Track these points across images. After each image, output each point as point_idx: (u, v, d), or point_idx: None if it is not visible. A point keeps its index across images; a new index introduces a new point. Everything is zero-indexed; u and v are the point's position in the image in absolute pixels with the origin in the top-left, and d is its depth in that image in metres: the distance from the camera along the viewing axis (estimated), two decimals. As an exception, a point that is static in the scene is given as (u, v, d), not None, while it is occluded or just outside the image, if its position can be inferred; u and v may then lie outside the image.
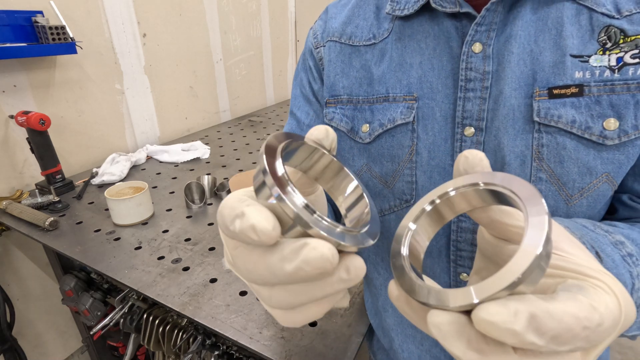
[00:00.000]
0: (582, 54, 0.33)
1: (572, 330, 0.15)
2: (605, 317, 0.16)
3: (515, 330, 0.14)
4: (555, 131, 0.34)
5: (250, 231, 0.17)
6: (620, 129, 0.32)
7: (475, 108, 0.37)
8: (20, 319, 1.21)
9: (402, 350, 0.52)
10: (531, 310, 0.15)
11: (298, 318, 0.20)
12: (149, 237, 0.92)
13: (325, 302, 0.19)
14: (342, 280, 0.18)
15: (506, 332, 0.14)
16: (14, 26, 1.04)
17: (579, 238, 0.23)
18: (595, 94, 0.32)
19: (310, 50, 0.49)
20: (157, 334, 0.88)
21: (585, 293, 0.16)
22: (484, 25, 0.35)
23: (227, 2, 1.88)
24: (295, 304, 0.19)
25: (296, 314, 0.20)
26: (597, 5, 0.33)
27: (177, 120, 1.72)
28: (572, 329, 0.15)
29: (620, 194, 0.38)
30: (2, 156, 1.11)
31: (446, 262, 0.43)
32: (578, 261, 0.18)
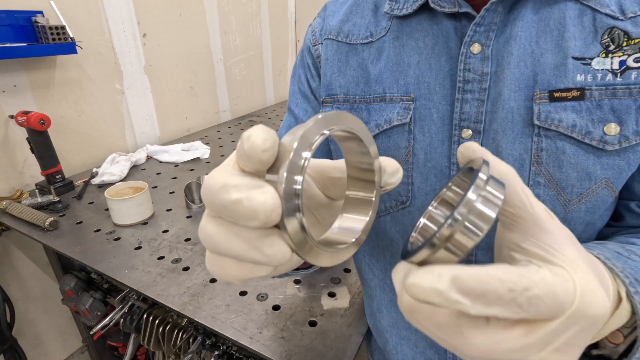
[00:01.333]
0: (584, 56, 0.32)
1: (496, 291, 0.15)
2: (537, 285, 0.16)
3: (438, 288, 0.15)
4: (555, 135, 0.33)
5: (246, 139, 0.17)
6: (621, 134, 0.31)
7: (473, 110, 0.36)
8: (20, 319, 1.21)
9: (396, 351, 0.52)
10: (455, 272, 0.16)
11: (216, 267, 0.20)
12: (149, 237, 0.92)
13: (242, 266, 0.19)
14: (260, 250, 0.18)
15: (431, 292, 0.15)
16: (14, 26, 1.04)
17: (620, 271, 0.23)
18: (596, 98, 0.32)
19: (308, 47, 0.49)
20: (157, 334, 0.88)
21: (522, 267, 0.17)
22: (483, 26, 0.35)
23: (227, 2, 1.88)
24: (219, 246, 0.19)
25: (217, 261, 0.20)
26: (601, 6, 0.32)
27: (177, 120, 1.72)
28: (496, 290, 0.15)
29: (628, 201, 0.37)
30: (2, 156, 1.11)
31: None
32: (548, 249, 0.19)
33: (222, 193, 0.17)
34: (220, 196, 0.17)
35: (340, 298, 0.72)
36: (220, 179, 0.17)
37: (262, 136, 0.17)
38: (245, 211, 0.16)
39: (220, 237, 0.18)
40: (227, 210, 0.17)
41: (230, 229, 0.18)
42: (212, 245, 0.19)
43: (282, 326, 0.65)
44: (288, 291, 0.73)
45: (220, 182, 0.17)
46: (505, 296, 0.16)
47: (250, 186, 0.17)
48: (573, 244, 0.20)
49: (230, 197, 0.17)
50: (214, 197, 0.17)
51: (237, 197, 0.17)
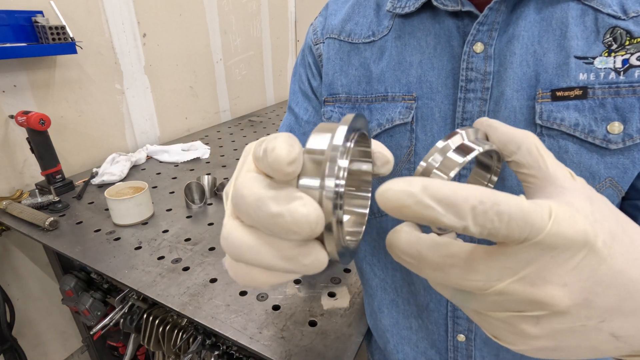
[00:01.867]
0: (586, 55, 0.32)
1: (468, 201, 0.15)
2: (508, 203, 0.15)
3: (410, 190, 0.15)
4: (557, 134, 0.33)
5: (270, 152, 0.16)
6: (624, 132, 0.31)
7: (476, 109, 0.36)
8: (20, 319, 1.21)
9: (397, 351, 0.52)
10: (426, 181, 0.16)
11: (241, 276, 0.19)
12: (149, 237, 0.92)
13: (271, 275, 0.19)
14: (296, 261, 0.17)
15: (402, 193, 0.15)
16: (14, 26, 1.03)
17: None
18: (599, 97, 0.32)
19: (309, 46, 0.48)
20: (157, 334, 0.88)
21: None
22: (486, 25, 0.34)
23: (227, 2, 1.88)
24: (247, 256, 0.18)
25: (242, 270, 0.19)
26: (603, 6, 0.32)
27: (177, 120, 1.72)
28: (467, 199, 0.15)
29: (637, 201, 0.37)
30: (2, 156, 1.11)
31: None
32: (551, 196, 0.19)
33: (259, 206, 0.16)
34: (258, 209, 0.16)
35: (340, 298, 0.72)
36: (255, 190, 0.17)
37: (286, 148, 0.16)
38: (287, 225, 0.16)
39: (250, 248, 0.17)
40: (266, 224, 0.16)
41: (263, 239, 0.17)
42: (239, 255, 0.18)
43: (282, 326, 0.64)
44: (288, 291, 0.73)
45: (256, 194, 0.17)
46: (477, 207, 0.15)
47: (289, 198, 0.16)
48: (589, 200, 0.18)
49: (270, 210, 0.16)
50: (249, 208, 0.17)
51: (278, 211, 0.16)
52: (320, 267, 0.17)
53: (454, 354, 0.46)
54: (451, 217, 0.15)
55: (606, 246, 0.17)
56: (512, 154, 0.20)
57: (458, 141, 0.19)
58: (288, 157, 0.16)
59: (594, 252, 0.16)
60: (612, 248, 0.17)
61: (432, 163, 0.19)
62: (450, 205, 0.15)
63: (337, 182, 0.16)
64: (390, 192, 0.16)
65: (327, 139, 0.17)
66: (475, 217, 0.15)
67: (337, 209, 0.16)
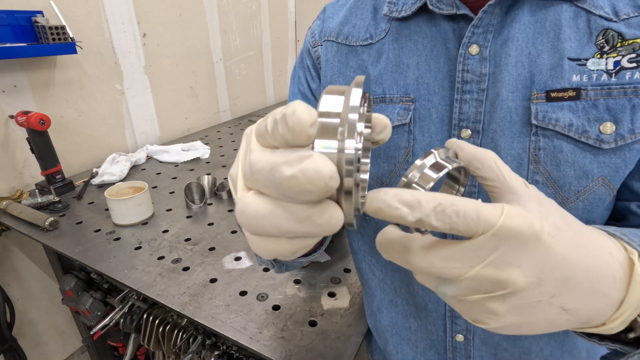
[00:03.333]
0: (579, 57, 0.33)
1: (429, 203, 0.19)
2: (463, 203, 0.19)
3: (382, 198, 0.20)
4: (552, 134, 0.34)
5: (290, 116, 0.16)
6: (616, 132, 0.32)
7: (472, 110, 0.37)
8: (20, 319, 1.21)
9: (396, 352, 0.52)
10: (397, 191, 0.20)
11: (262, 248, 0.20)
12: (149, 237, 0.92)
13: (291, 242, 0.19)
14: (311, 221, 0.17)
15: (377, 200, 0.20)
16: (14, 26, 1.04)
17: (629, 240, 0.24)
18: (592, 98, 0.32)
19: (308, 49, 0.49)
20: (157, 334, 0.88)
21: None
22: (481, 27, 0.35)
23: (227, 2, 1.88)
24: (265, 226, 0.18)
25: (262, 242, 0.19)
26: (595, 8, 0.32)
27: (177, 120, 1.72)
28: (429, 202, 0.19)
29: (629, 202, 0.38)
30: (2, 156, 1.11)
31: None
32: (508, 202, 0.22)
33: (273, 173, 0.16)
34: (272, 177, 0.16)
35: (340, 298, 0.72)
36: (267, 159, 0.17)
37: (306, 110, 0.16)
38: (301, 186, 0.16)
39: (265, 216, 0.17)
40: (282, 190, 0.16)
41: (278, 205, 0.17)
42: (257, 226, 0.18)
43: (282, 326, 0.65)
44: (288, 291, 0.74)
45: (269, 163, 0.17)
46: (437, 207, 0.19)
47: (301, 158, 0.16)
48: (538, 202, 0.22)
49: (283, 174, 0.16)
50: (264, 178, 0.17)
51: (291, 173, 0.16)
52: (335, 225, 0.17)
53: (453, 354, 0.46)
54: (417, 214, 0.19)
55: (551, 236, 0.20)
56: (477, 170, 0.24)
57: (432, 160, 0.23)
58: (310, 118, 0.16)
59: (540, 241, 0.20)
60: (556, 237, 0.21)
61: (411, 178, 0.22)
62: (414, 206, 0.19)
63: (357, 146, 0.16)
64: (369, 201, 0.20)
65: (341, 101, 0.17)
66: (436, 215, 0.19)
67: (355, 172, 0.17)
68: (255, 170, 0.17)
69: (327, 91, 0.18)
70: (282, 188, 0.16)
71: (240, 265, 0.81)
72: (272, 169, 0.17)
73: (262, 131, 0.18)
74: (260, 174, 0.17)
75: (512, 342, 0.42)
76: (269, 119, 0.18)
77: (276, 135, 0.17)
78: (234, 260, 0.83)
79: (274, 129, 0.17)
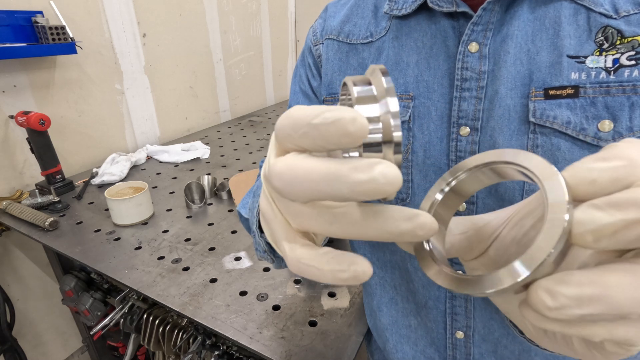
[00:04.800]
0: (578, 54, 0.33)
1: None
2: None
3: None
4: (550, 132, 0.34)
5: (349, 122, 0.14)
6: (614, 130, 0.32)
7: (471, 108, 0.37)
8: (20, 319, 1.21)
9: (396, 350, 0.52)
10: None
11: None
12: (149, 237, 0.92)
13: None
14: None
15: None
16: (14, 26, 1.04)
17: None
18: (590, 96, 0.32)
19: (309, 47, 0.50)
20: (157, 334, 0.88)
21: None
22: (481, 25, 0.35)
23: (227, 2, 1.88)
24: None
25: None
26: (595, 5, 0.32)
27: (177, 120, 1.72)
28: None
29: None
30: (2, 156, 1.11)
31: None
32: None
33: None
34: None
35: (340, 298, 0.72)
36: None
37: (362, 116, 0.15)
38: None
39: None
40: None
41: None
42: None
43: (282, 326, 0.65)
44: (288, 291, 0.74)
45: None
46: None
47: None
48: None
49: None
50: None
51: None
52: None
53: (453, 352, 0.46)
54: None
55: None
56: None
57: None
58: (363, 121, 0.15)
59: None
60: None
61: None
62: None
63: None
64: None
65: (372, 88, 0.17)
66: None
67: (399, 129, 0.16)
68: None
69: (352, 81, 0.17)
70: (356, 192, 0.15)
71: (240, 265, 0.81)
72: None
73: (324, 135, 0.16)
74: (313, 186, 0.16)
75: (512, 339, 0.42)
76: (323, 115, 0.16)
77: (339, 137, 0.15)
78: (234, 260, 0.83)
79: (324, 134, 0.15)
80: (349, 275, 0.16)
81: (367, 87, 0.17)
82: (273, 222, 0.21)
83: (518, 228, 0.21)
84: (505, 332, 0.42)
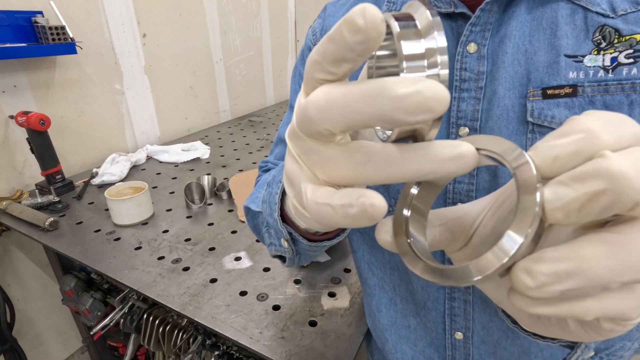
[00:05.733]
0: (576, 54, 0.33)
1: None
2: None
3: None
4: (548, 131, 0.33)
5: (358, 14, 0.14)
6: None
7: (470, 108, 0.37)
8: (20, 319, 1.21)
9: (395, 350, 0.52)
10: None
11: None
12: (149, 237, 0.92)
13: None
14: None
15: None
16: (14, 26, 1.04)
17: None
18: (589, 95, 0.32)
19: (309, 46, 0.50)
20: (157, 334, 0.88)
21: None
22: (479, 26, 0.35)
23: (227, 2, 1.88)
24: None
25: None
26: (592, 5, 0.32)
27: (177, 120, 1.72)
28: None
29: None
30: (2, 156, 1.11)
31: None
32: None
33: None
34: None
35: (340, 298, 0.72)
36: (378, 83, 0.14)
37: (374, 6, 0.14)
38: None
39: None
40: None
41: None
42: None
43: (282, 326, 0.65)
44: (288, 291, 0.74)
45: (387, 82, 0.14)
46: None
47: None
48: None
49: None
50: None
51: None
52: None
53: (452, 352, 0.46)
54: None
55: None
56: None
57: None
58: (379, 14, 0.14)
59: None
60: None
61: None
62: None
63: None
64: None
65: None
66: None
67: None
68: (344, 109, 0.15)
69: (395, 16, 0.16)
70: (403, 104, 0.14)
71: (240, 265, 0.81)
72: (376, 91, 0.14)
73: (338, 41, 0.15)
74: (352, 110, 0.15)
75: (511, 341, 0.42)
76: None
77: (353, 38, 0.14)
78: (234, 260, 0.83)
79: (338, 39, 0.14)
80: (357, 209, 0.16)
81: (409, 21, 0.16)
82: (299, 178, 0.20)
83: (498, 215, 0.21)
84: (505, 334, 0.42)
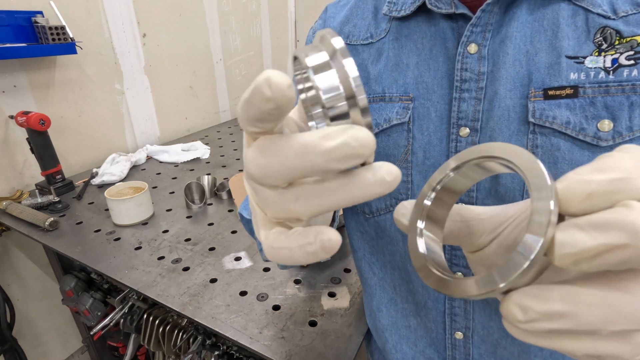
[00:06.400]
0: (577, 55, 0.33)
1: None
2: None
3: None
4: (549, 132, 0.34)
5: (264, 85, 0.14)
6: (614, 130, 0.32)
7: (470, 109, 0.37)
8: (20, 319, 1.21)
9: (395, 350, 0.52)
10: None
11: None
12: (149, 237, 0.92)
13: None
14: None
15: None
16: (14, 26, 1.04)
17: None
18: (590, 96, 0.32)
19: None
20: (157, 334, 0.88)
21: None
22: (480, 26, 0.35)
23: (227, 2, 1.88)
24: (317, 206, 0.16)
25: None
26: (593, 6, 0.33)
27: (177, 120, 1.72)
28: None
29: None
30: (2, 156, 1.11)
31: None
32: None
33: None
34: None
35: (340, 298, 0.72)
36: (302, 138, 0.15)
37: (279, 73, 0.14)
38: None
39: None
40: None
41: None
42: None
43: (282, 326, 0.65)
44: (288, 291, 0.74)
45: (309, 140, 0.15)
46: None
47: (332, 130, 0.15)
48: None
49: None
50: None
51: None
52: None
53: (452, 352, 0.46)
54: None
55: None
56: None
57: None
58: (285, 80, 0.15)
59: None
60: None
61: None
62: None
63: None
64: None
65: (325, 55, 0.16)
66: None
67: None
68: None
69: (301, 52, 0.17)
70: (329, 159, 0.15)
71: (240, 265, 0.81)
72: (304, 148, 0.15)
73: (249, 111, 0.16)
74: (285, 163, 0.15)
75: (511, 341, 0.42)
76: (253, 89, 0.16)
77: (261, 106, 0.15)
78: (234, 260, 0.83)
79: (249, 110, 0.15)
80: (316, 246, 0.16)
81: (318, 54, 0.16)
82: (255, 217, 0.20)
83: (519, 230, 0.20)
84: (505, 333, 0.42)
